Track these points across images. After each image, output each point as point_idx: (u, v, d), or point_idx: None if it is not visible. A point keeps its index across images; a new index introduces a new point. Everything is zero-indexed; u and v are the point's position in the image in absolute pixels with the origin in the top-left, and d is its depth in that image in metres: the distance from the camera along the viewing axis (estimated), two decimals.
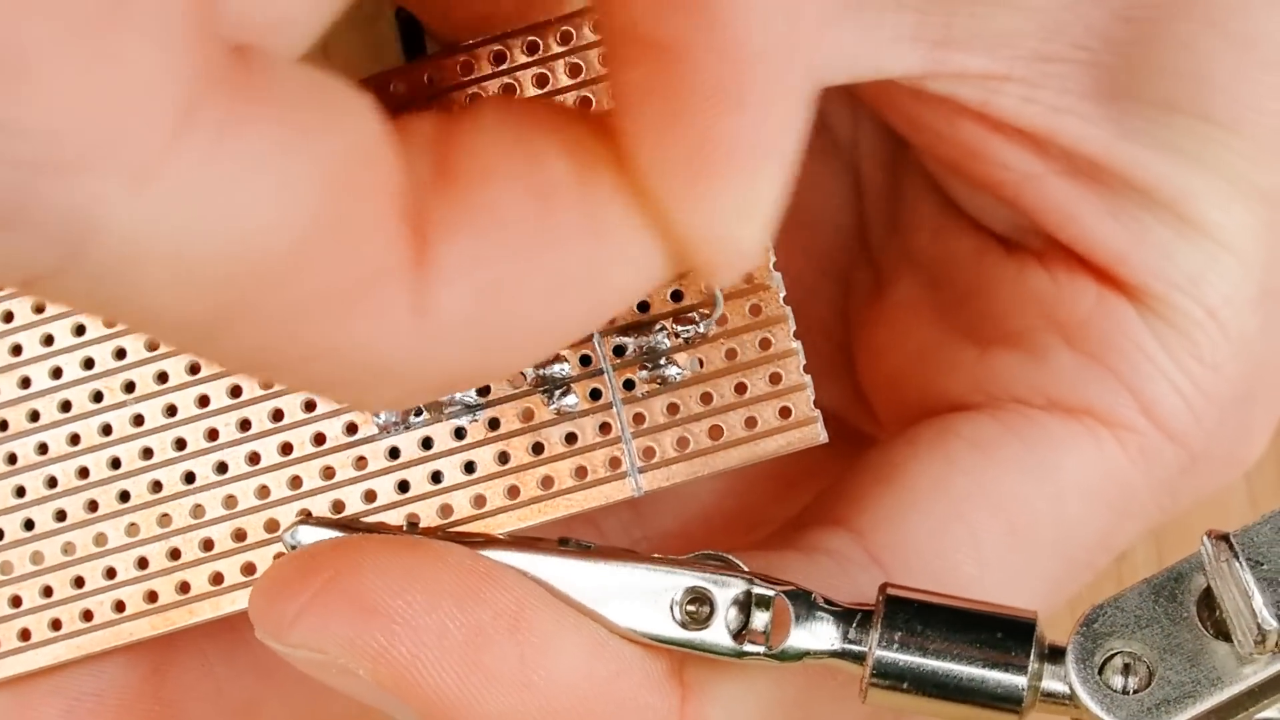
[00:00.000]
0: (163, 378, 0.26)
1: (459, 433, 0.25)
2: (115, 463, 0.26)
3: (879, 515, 0.28)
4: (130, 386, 0.26)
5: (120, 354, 0.26)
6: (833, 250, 0.33)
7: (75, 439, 0.26)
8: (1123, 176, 0.28)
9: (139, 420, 0.26)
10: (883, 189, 0.32)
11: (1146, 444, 0.29)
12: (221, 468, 0.25)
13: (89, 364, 0.26)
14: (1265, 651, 0.23)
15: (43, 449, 0.26)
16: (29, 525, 0.26)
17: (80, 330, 0.26)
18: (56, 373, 0.26)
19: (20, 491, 0.26)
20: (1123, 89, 0.27)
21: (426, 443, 0.25)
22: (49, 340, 0.26)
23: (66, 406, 0.26)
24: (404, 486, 0.25)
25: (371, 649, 0.23)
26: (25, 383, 0.26)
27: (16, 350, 0.26)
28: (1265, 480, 0.37)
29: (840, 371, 0.32)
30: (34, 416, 0.26)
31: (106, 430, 0.26)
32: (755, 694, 0.25)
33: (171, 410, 0.25)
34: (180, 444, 0.25)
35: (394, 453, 0.25)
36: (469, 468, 0.25)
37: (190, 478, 0.25)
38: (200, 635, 0.27)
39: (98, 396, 0.26)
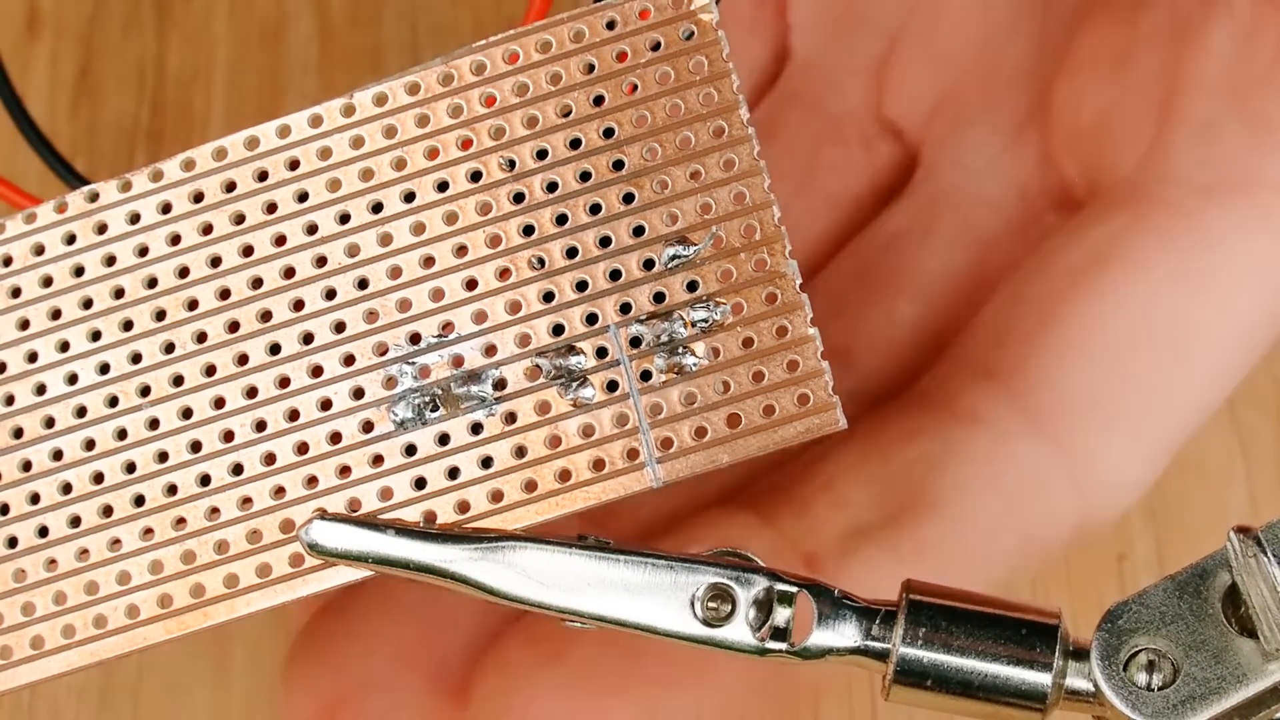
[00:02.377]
0: (178, 381, 0.25)
1: (476, 428, 0.24)
2: (130, 467, 0.25)
3: (1038, 374, 0.27)
4: (145, 390, 0.26)
5: (136, 358, 0.26)
6: None
7: (90, 444, 0.26)
8: None
9: (154, 424, 0.25)
10: None
11: None
12: (237, 469, 0.25)
13: (104, 369, 0.26)
14: None
15: (57, 455, 0.26)
16: (43, 532, 0.26)
17: (96, 336, 0.26)
18: (72, 379, 0.26)
19: (35, 498, 0.26)
20: None
21: (443, 439, 0.25)
22: (65, 346, 0.26)
23: (82, 412, 0.26)
24: (421, 483, 0.25)
25: None
26: (40, 389, 0.26)
27: (32, 357, 0.26)
28: (1266, 480, 0.37)
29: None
30: (49, 423, 0.26)
31: (121, 435, 0.26)
32: None
33: (187, 413, 0.25)
34: (195, 447, 0.25)
35: (410, 449, 0.25)
36: (486, 463, 0.24)
37: (206, 480, 0.25)
38: None
39: (113, 401, 0.26)
